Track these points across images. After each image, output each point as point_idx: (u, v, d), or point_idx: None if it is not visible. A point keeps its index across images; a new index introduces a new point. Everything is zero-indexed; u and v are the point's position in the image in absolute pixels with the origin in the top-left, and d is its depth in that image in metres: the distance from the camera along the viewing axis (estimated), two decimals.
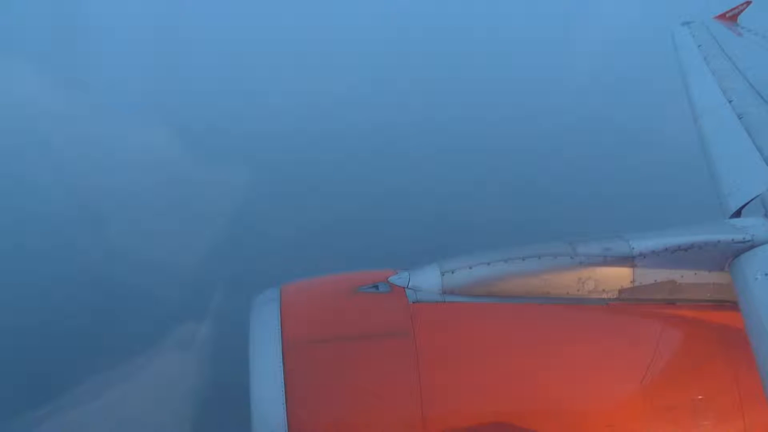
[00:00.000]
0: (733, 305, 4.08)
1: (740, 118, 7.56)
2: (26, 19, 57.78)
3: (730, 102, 8.25)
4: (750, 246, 4.24)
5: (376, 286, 4.25)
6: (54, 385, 16.75)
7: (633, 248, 4.31)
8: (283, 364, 3.80)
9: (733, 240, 4.28)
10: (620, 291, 4.33)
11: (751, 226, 4.42)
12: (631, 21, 57.85)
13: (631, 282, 4.31)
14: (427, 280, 4.25)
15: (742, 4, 13.77)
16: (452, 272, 4.25)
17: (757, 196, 5.62)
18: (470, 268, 4.26)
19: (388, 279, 4.31)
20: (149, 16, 61.18)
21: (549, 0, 70.78)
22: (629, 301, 4.34)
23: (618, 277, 4.31)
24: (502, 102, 40.56)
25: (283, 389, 3.74)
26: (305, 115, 36.75)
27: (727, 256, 4.28)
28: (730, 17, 13.87)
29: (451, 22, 62.27)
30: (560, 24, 63.90)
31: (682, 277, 4.33)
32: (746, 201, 5.67)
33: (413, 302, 4.13)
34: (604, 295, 4.33)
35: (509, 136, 34.89)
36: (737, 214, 5.64)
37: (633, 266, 4.30)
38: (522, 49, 53.64)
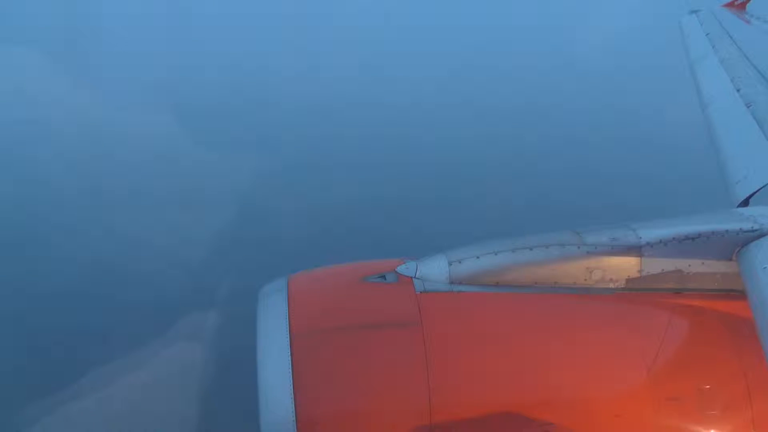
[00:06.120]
0: (740, 294, 4.07)
1: (748, 107, 7.53)
2: (32, 15, 57.84)
3: (738, 91, 8.22)
4: (758, 235, 4.22)
5: (384, 276, 4.25)
6: (58, 376, 16.81)
7: (640, 237, 4.30)
8: (291, 353, 3.82)
9: (741, 229, 4.26)
10: (627, 280, 4.32)
11: (759, 215, 4.40)
12: (639, 9, 57.56)
13: (638, 271, 4.31)
14: (434, 269, 4.25)
15: None
16: (460, 262, 4.25)
17: (766, 185, 5.61)
18: (478, 257, 4.26)
19: (396, 269, 4.31)
20: (154, 11, 61.22)
21: None
22: (636, 290, 4.33)
23: (625, 266, 4.30)
24: (509, 90, 40.50)
25: (291, 378, 3.75)
26: (310, 107, 36.72)
27: (735, 246, 4.26)
28: (739, 5, 13.80)
29: (464, 16, 62.28)
30: (567, 13, 63.68)
31: (689, 266, 4.32)
32: (754, 190, 5.66)
33: (420, 292, 4.14)
34: (612, 285, 4.33)
35: (516, 125, 34.82)
36: (745, 203, 5.63)
37: (640, 255, 4.29)
38: (528, 38, 53.50)
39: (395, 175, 28.68)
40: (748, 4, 13.69)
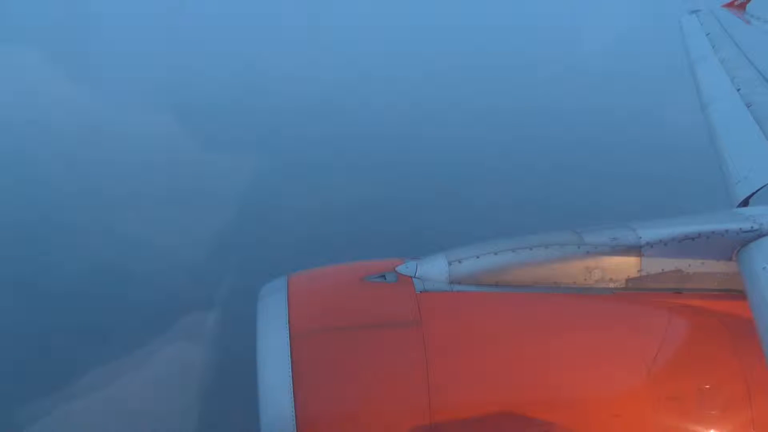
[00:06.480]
0: (740, 294, 4.06)
1: (749, 107, 7.52)
2: (32, 15, 57.83)
3: (738, 90, 8.21)
4: (758, 235, 4.21)
5: (383, 276, 4.23)
6: (58, 376, 16.80)
7: (640, 237, 4.29)
8: (291, 353, 3.81)
9: (740, 229, 4.25)
10: (627, 280, 4.31)
11: (758, 215, 4.38)
12: (639, 9, 57.55)
13: (638, 271, 4.30)
14: (434, 269, 4.24)
15: None
16: (459, 262, 4.24)
17: (765, 185, 5.60)
18: (477, 257, 4.25)
19: (396, 268, 4.29)
20: (154, 11, 61.20)
21: None
22: (636, 290, 4.32)
23: (625, 266, 4.29)
24: (509, 91, 40.49)
25: (291, 378, 3.74)
26: (310, 107, 36.73)
27: (735, 246, 4.25)
28: (739, 5, 13.80)
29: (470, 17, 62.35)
30: (567, 13, 63.68)
31: (689, 266, 4.31)
32: (754, 190, 5.65)
33: (420, 292, 4.13)
34: (611, 285, 4.32)
35: (517, 125, 34.81)
36: (745, 203, 5.62)
37: (640, 255, 4.28)
38: (529, 39, 53.49)
39: (395, 175, 28.68)
40: (748, 5, 13.68)
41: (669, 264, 4.30)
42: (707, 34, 11.73)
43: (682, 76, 10.97)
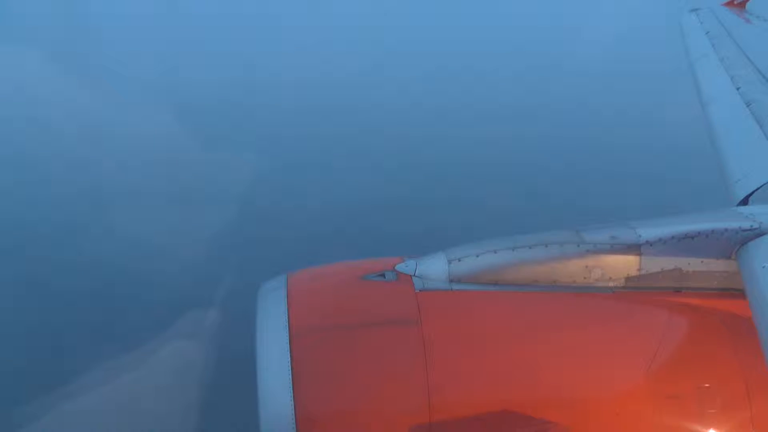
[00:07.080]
0: (740, 293, 4.06)
1: (748, 106, 7.52)
2: (32, 15, 57.85)
3: (738, 89, 8.21)
4: (757, 234, 4.22)
5: (383, 274, 4.24)
6: (57, 375, 16.77)
7: (640, 236, 4.29)
8: (290, 351, 3.81)
9: (740, 228, 4.25)
10: (627, 279, 4.32)
11: (758, 213, 4.39)
12: (640, 8, 57.55)
13: (637, 270, 4.30)
14: (433, 268, 4.24)
15: None
16: (459, 260, 4.25)
17: (765, 183, 5.60)
18: (477, 256, 4.25)
19: (395, 267, 4.30)
20: (155, 11, 61.22)
21: None
22: (636, 289, 4.33)
23: (625, 265, 4.30)
24: (510, 91, 40.48)
25: (290, 377, 3.75)
26: (310, 107, 36.72)
27: (734, 244, 4.25)
28: (739, 4, 13.80)
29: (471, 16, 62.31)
30: (567, 12, 63.68)
31: (688, 265, 4.31)
32: (754, 189, 5.65)
33: (420, 290, 4.13)
34: (611, 283, 4.32)
35: (517, 125, 34.78)
36: (744, 201, 5.63)
37: (640, 254, 4.28)
38: (528, 39, 53.50)
39: (395, 175, 28.65)
40: (748, 3, 13.68)
41: (669, 263, 4.30)
42: (707, 33, 11.73)
43: (682, 74, 10.97)
